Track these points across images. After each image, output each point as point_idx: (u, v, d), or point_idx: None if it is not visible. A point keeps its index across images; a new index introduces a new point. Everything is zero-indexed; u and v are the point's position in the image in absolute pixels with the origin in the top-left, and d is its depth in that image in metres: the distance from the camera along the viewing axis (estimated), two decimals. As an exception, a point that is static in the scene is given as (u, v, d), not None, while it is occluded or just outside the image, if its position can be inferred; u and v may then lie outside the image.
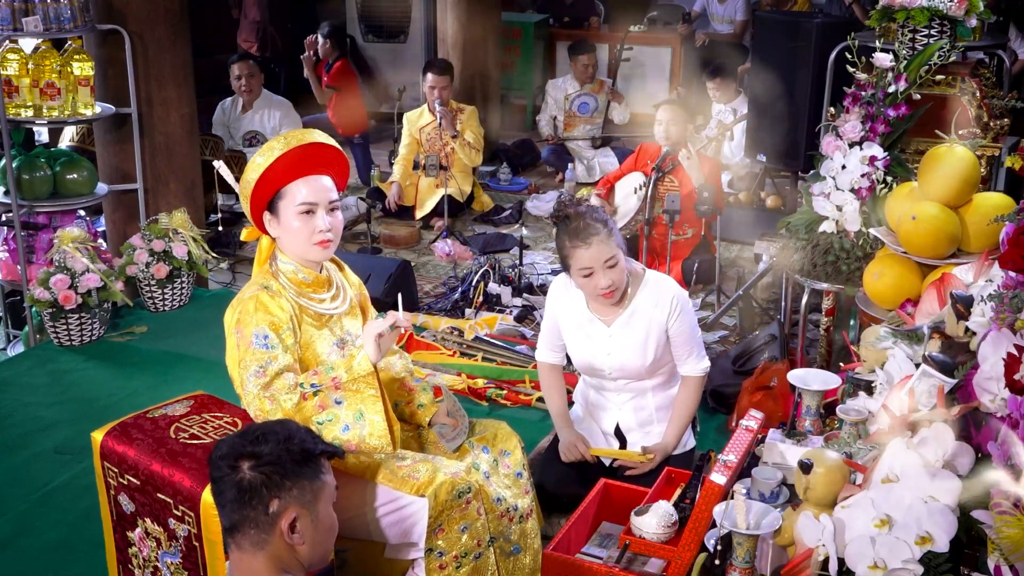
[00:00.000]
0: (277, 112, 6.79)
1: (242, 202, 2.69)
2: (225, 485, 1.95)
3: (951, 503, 1.89)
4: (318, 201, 2.63)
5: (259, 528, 1.93)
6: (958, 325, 2.32)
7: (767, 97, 5.08)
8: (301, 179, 2.63)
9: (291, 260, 2.68)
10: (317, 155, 2.65)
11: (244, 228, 2.79)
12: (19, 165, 4.60)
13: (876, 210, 3.53)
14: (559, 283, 3.28)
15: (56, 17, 4.47)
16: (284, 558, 1.96)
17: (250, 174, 2.61)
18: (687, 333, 3.17)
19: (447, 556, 2.59)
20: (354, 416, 2.55)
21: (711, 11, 8.90)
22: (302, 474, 1.95)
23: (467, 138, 6.56)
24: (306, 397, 2.52)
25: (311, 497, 1.96)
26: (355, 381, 2.55)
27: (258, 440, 1.96)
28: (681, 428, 3.26)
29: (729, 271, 5.46)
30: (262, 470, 1.93)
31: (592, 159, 7.47)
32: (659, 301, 3.13)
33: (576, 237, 3.01)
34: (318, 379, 2.55)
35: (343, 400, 2.55)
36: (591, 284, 3.04)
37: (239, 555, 1.97)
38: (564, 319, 3.26)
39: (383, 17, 9.44)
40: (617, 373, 3.20)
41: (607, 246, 3.00)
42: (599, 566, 2.69)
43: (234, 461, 1.95)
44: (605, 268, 3.01)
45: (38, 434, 3.80)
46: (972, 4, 3.74)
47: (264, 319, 2.56)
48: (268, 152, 2.60)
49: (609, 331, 3.16)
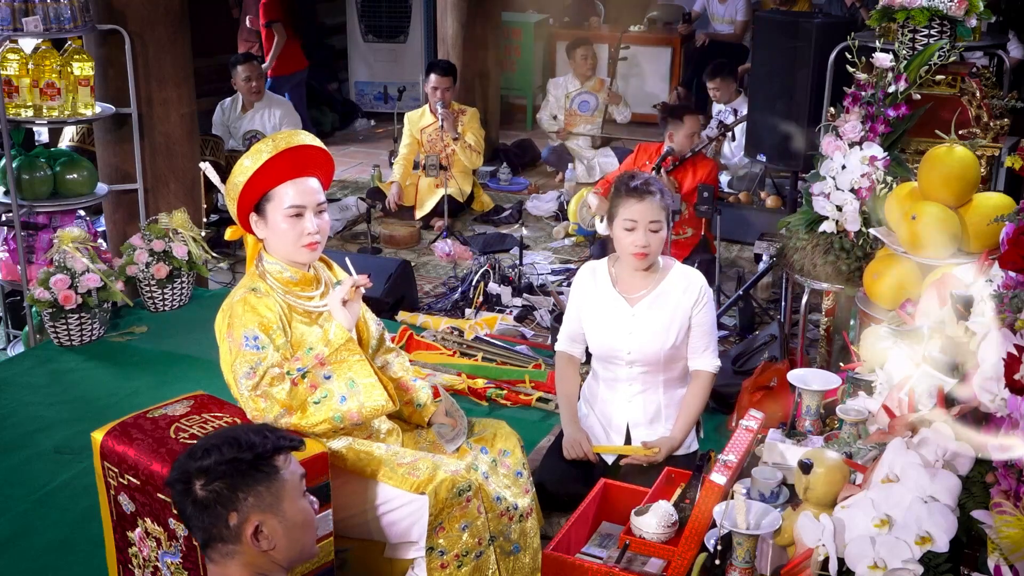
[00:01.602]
0: (277, 111, 6.78)
1: (228, 203, 2.69)
2: (184, 506, 1.93)
3: (951, 503, 1.89)
4: (306, 204, 2.64)
5: (226, 541, 1.91)
6: (958, 325, 2.32)
7: (767, 97, 5.08)
8: (289, 182, 2.63)
9: (277, 260, 2.69)
10: (304, 157, 2.65)
11: (228, 228, 2.79)
12: (19, 165, 4.59)
13: (876, 210, 3.53)
14: (586, 269, 3.37)
15: (56, 17, 4.47)
16: (259, 563, 1.94)
17: (238, 177, 2.61)
18: (708, 325, 3.26)
19: (448, 555, 2.59)
20: (347, 385, 2.55)
21: (711, 11, 8.90)
22: (255, 480, 1.91)
23: (468, 140, 6.56)
24: (296, 382, 2.53)
25: (271, 500, 1.92)
26: (337, 352, 2.56)
27: (203, 455, 1.92)
28: (688, 423, 3.26)
29: (729, 271, 5.46)
30: (212, 487, 1.90)
31: (592, 159, 7.47)
32: (688, 287, 3.22)
33: (633, 192, 3.16)
34: (301, 362, 2.56)
35: (332, 374, 2.55)
36: (629, 238, 3.16)
37: (215, 568, 1.96)
38: (587, 303, 3.30)
39: (383, 17, 9.44)
40: (634, 356, 3.21)
41: (657, 209, 3.15)
42: (599, 566, 2.69)
43: (186, 482, 1.92)
44: (648, 229, 3.14)
45: (38, 434, 3.79)
46: (972, 4, 3.74)
47: (253, 320, 2.57)
48: (256, 155, 2.59)
49: (633, 310, 3.22)
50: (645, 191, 3.15)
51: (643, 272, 3.23)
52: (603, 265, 3.34)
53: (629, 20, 9.15)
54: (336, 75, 9.86)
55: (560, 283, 5.40)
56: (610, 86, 8.00)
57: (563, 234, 6.31)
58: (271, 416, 2.50)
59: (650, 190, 3.15)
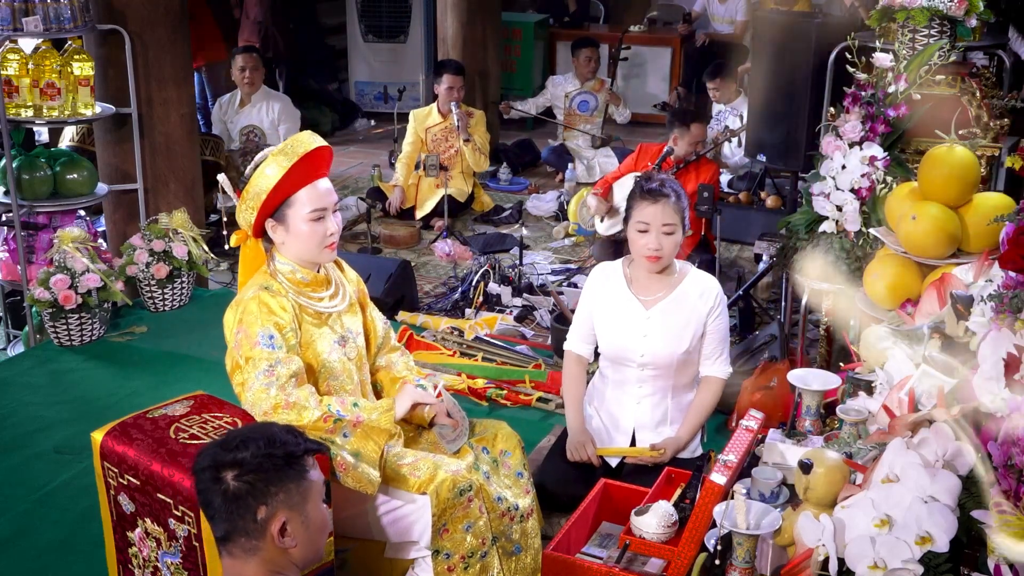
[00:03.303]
0: (276, 104, 6.67)
1: (245, 212, 2.67)
2: (211, 496, 1.94)
3: (951, 503, 1.89)
4: (327, 206, 2.67)
5: (249, 536, 1.92)
6: (958, 325, 2.32)
7: (767, 97, 5.07)
8: (308, 186, 2.64)
9: (289, 261, 2.69)
10: (317, 158, 2.66)
11: (233, 234, 2.78)
12: (19, 165, 4.59)
13: (876, 210, 3.53)
14: (599, 270, 3.37)
15: (56, 17, 4.46)
16: (277, 561, 1.95)
17: (261, 185, 2.60)
18: (722, 332, 3.27)
19: (454, 557, 2.60)
20: (351, 454, 2.59)
21: (711, 11, 8.90)
22: (287, 477, 1.93)
23: (476, 143, 6.56)
24: (326, 420, 2.55)
25: (299, 499, 1.95)
26: (371, 429, 2.61)
27: (239, 447, 1.94)
28: (695, 426, 3.27)
29: (729, 271, 5.46)
30: (246, 479, 1.91)
31: (592, 159, 7.47)
32: (704, 292, 3.23)
33: (648, 194, 3.16)
34: (343, 408, 2.59)
35: (350, 435, 2.60)
36: (642, 241, 3.15)
37: (231, 562, 1.96)
38: (601, 304, 3.29)
39: (383, 17, 9.44)
40: (647, 358, 3.21)
41: (671, 212, 3.14)
42: (599, 566, 2.69)
43: (216, 472, 1.93)
44: (661, 231, 3.13)
45: (38, 434, 3.79)
46: (972, 4, 3.73)
47: (269, 319, 2.57)
48: (277, 163, 2.59)
49: (647, 313, 3.22)
50: (660, 193, 3.14)
51: (659, 275, 3.23)
52: (618, 266, 3.33)
53: (629, 20, 9.15)
54: (336, 75, 9.86)
55: (560, 283, 5.40)
56: (610, 86, 8.00)
57: (563, 234, 6.30)
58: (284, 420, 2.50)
59: (664, 192, 3.15)
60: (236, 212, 2.70)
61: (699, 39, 8.84)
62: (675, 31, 9.17)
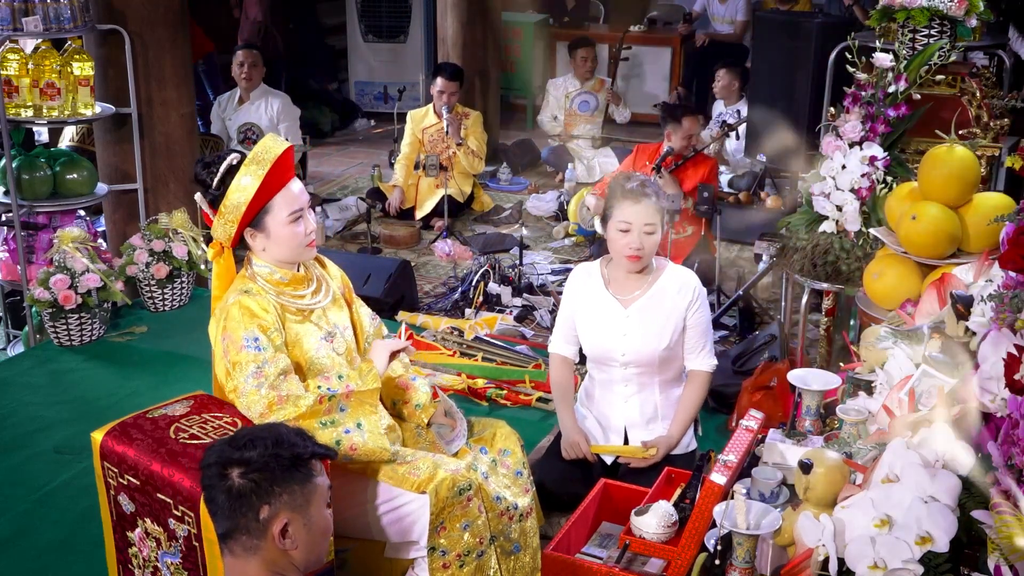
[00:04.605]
0: (276, 102, 6.64)
1: (225, 226, 2.63)
2: (215, 493, 1.95)
3: (951, 503, 1.88)
4: (303, 206, 2.69)
5: (251, 534, 1.93)
6: (958, 325, 2.32)
7: (767, 97, 5.08)
8: (282, 190, 2.65)
9: (266, 263, 2.69)
10: (285, 162, 2.66)
11: (210, 247, 2.75)
12: (19, 165, 4.59)
13: (876, 210, 3.53)
14: (579, 271, 3.36)
15: (56, 17, 4.47)
16: (278, 562, 1.95)
17: (239, 197, 2.58)
18: (703, 325, 3.25)
19: (450, 555, 2.60)
20: (354, 424, 2.60)
21: (711, 11, 8.90)
22: (292, 479, 1.95)
23: (471, 146, 6.55)
24: (322, 400, 2.56)
25: (302, 501, 1.96)
26: (362, 394, 2.62)
27: (246, 446, 1.95)
28: (685, 423, 3.26)
29: (729, 271, 5.46)
30: (251, 477, 1.92)
31: (592, 159, 7.47)
32: (682, 287, 3.22)
33: (630, 193, 3.14)
34: (331, 384, 2.60)
35: (347, 408, 2.60)
36: (623, 240, 3.13)
37: (233, 561, 1.96)
38: (581, 305, 3.29)
39: (383, 17, 9.43)
40: (629, 357, 3.21)
41: (652, 212, 3.12)
42: (599, 566, 2.69)
43: (223, 468, 1.94)
44: (642, 231, 3.12)
45: (38, 434, 3.79)
46: (972, 4, 3.74)
47: (252, 322, 2.57)
48: (251, 172, 2.58)
49: (626, 312, 3.21)
50: (641, 193, 3.13)
51: (636, 273, 3.23)
52: (596, 266, 3.32)
53: (629, 20, 9.15)
54: (336, 75, 9.86)
55: (560, 283, 5.40)
56: (610, 86, 8.00)
57: (563, 234, 6.31)
58: (282, 415, 2.50)
59: (646, 192, 3.13)
60: (212, 227, 2.68)
61: (699, 39, 8.84)
62: (675, 31, 9.17)
